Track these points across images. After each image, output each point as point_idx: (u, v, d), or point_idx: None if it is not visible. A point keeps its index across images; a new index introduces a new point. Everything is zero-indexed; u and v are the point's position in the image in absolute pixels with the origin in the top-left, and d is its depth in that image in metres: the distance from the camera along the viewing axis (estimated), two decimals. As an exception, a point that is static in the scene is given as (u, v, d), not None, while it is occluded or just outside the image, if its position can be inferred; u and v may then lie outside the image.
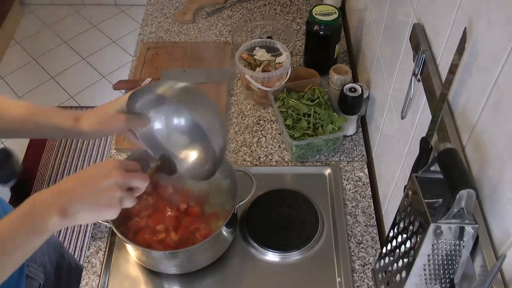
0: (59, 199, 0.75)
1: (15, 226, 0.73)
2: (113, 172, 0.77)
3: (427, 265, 0.70)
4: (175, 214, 1.12)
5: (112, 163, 0.79)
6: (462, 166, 0.65)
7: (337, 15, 1.45)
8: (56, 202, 0.74)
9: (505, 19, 0.63)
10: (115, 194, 0.76)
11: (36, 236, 0.74)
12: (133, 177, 0.80)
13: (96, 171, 0.78)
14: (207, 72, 1.57)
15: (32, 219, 0.74)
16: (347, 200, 1.26)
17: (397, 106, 1.07)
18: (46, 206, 0.74)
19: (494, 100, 0.66)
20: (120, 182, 0.77)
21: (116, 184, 0.77)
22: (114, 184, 0.76)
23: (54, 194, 0.76)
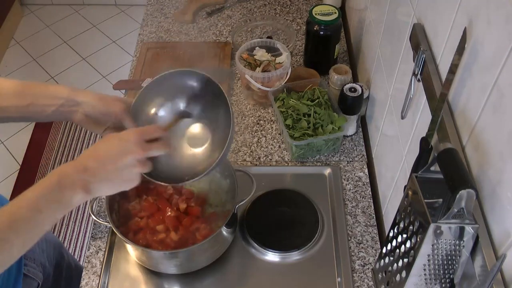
0: (83, 176, 0.78)
1: (40, 197, 0.76)
2: (133, 148, 0.80)
3: (427, 265, 0.70)
4: (175, 214, 1.12)
5: (132, 137, 0.81)
6: (462, 166, 0.65)
7: (337, 15, 1.45)
8: (80, 179, 0.77)
9: (505, 19, 0.63)
10: (135, 170, 0.80)
11: (59, 209, 0.77)
12: (153, 147, 0.83)
13: (116, 147, 0.80)
14: (207, 72, 1.57)
15: (57, 192, 0.76)
16: (347, 200, 1.26)
17: (397, 106, 1.07)
18: (71, 182, 0.77)
19: (494, 100, 0.66)
20: (140, 158, 0.80)
21: (136, 161, 0.80)
22: (135, 161, 0.80)
23: (78, 172, 0.78)
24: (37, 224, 0.76)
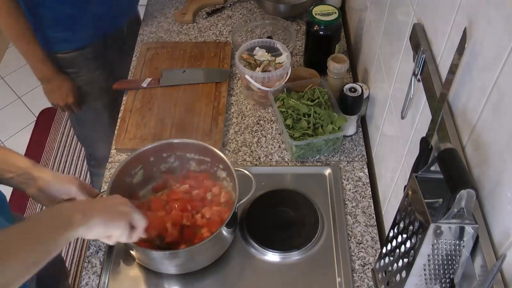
0: (82, 206, 0.90)
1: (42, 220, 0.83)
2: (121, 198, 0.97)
3: (427, 265, 0.70)
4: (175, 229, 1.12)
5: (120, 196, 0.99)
6: (462, 166, 0.65)
7: (337, 15, 1.45)
8: (80, 207, 0.88)
9: (505, 19, 0.63)
10: (124, 208, 0.94)
11: (62, 231, 0.81)
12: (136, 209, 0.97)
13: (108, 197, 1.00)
14: (207, 72, 1.57)
15: (59, 215, 0.85)
16: (347, 200, 1.26)
17: (397, 106, 1.07)
18: (71, 207, 0.89)
19: (494, 100, 0.66)
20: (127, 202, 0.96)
21: (125, 203, 0.95)
22: (124, 202, 0.95)
23: (76, 203, 0.93)
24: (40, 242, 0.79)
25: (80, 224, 0.83)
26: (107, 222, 0.89)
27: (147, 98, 1.51)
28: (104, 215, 0.89)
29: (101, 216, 0.88)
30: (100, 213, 0.88)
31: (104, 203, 0.93)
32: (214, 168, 1.21)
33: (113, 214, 0.91)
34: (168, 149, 1.21)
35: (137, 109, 1.48)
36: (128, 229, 0.94)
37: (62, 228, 0.81)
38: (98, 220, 0.87)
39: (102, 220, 0.88)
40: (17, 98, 3.02)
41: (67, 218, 0.83)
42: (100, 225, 0.88)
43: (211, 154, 1.19)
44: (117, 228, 0.91)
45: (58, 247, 0.82)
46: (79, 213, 0.84)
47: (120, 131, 1.42)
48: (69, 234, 0.82)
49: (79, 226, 0.83)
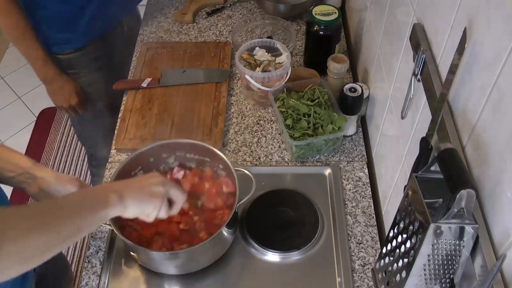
0: (117, 185, 0.91)
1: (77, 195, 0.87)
2: (157, 176, 0.97)
3: (427, 265, 0.70)
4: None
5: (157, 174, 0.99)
6: (462, 166, 0.65)
7: (337, 15, 1.45)
8: (115, 187, 0.90)
9: (505, 19, 0.63)
10: (159, 188, 0.94)
11: (98, 209, 0.83)
12: (173, 183, 0.99)
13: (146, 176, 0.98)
14: (207, 72, 1.57)
15: (94, 195, 0.87)
16: (347, 200, 1.26)
17: (397, 106, 1.07)
18: (104, 188, 0.92)
19: (494, 100, 0.66)
20: (163, 181, 0.96)
21: (160, 182, 0.95)
22: (159, 182, 0.95)
23: (112, 184, 0.94)
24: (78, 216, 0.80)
25: (116, 204, 0.86)
26: (142, 202, 0.91)
27: (147, 98, 1.51)
28: (139, 196, 0.90)
29: (135, 197, 0.90)
30: (134, 193, 0.90)
31: (139, 183, 0.94)
32: (214, 168, 1.21)
33: (147, 195, 0.92)
34: (167, 150, 1.21)
35: (137, 109, 1.48)
36: (165, 207, 0.95)
37: (98, 207, 0.84)
38: (133, 200, 0.89)
39: (137, 201, 0.90)
40: (17, 98, 3.02)
41: (104, 198, 0.85)
42: (135, 205, 0.89)
43: (211, 154, 1.19)
44: (153, 208, 0.93)
45: (93, 224, 0.85)
46: (114, 194, 0.86)
47: (120, 131, 1.42)
48: (105, 213, 0.84)
49: (114, 206, 0.86)
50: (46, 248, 0.75)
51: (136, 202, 0.90)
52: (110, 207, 0.85)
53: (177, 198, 0.98)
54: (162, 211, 0.95)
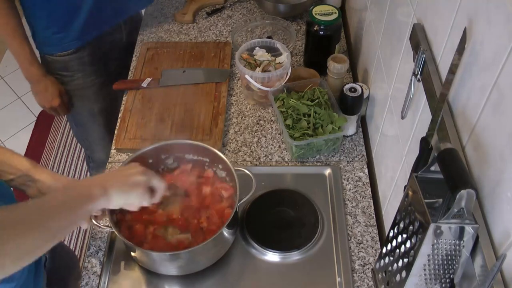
0: (100, 179, 0.93)
1: (62, 191, 0.89)
2: (138, 167, 1.00)
3: (427, 265, 0.70)
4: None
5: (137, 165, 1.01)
6: (462, 166, 0.65)
7: (337, 15, 1.45)
8: (98, 181, 0.92)
9: (505, 19, 0.63)
10: (140, 177, 0.96)
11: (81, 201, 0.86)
12: (153, 172, 1.01)
13: (127, 167, 1.01)
14: (207, 72, 1.57)
15: (78, 187, 0.91)
16: (347, 200, 1.26)
17: (397, 106, 1.07)
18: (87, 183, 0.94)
19: (494, 100, 0.66)
20: (143, 171, 0.98)
21: (141, 172, 0.97)
22: (140, 171, 0.97)
23: (93, 178, 0.95)
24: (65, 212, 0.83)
25: (100, 197, 0.88)
26: (125, 193, 0.94)
27: (147, 98, 1.51)
28: (122, 186, 0.93)
29: (118, 188, 0.92)
30: (117, 184, 0.92)
31: (121, 174, 0.97)
32: (213, 168, 1.21)
33: (130, 185, 0.95)
34: (166, 151, 1.21)
35: (137, 109, 1.48)
36: (147, 195, 0.98)
37: (83, 202, 0.86)
38: (116, 191, 0.91)
39: (120, 191, 0.92)
40: (17, 98, 3.02)
41: (88, 193, 0.87)
42: (118, 196, 0.92)
43: (211, 155, 1.19)
44: (136, 197, 0.96)
45: (79, 219, 0.88)
46: (97, 187, 0.89)
47: (120, 131, 1.42)
48: (90, 207, 0.87)
49: (98, 199, 0.88)
50: (36, 248, 0.77)
51: (120, 193, 0.92)
52: (94, 201, 0.87)
53: (158, 186, 1.01)
54: (145, 199, 0.98)
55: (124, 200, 0.94)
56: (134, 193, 0.95)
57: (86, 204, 0.86)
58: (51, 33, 1.47)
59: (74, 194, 0.88)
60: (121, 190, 0.92)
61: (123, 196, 0.93)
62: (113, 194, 0.91)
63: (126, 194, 0.94)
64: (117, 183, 0.93)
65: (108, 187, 0.90)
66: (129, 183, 0.95)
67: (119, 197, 0.92)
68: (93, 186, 0.89)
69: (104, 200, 0.89)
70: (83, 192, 0.88)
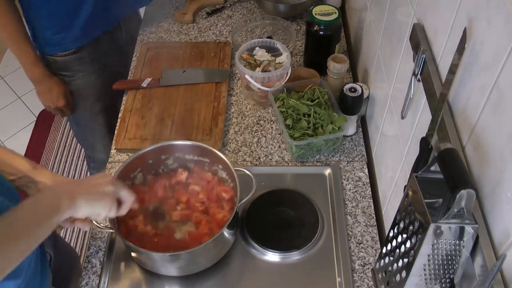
0: (68, 188, 0.93)
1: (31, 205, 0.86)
2: (107, 176, 0.99)
3: (427, 265, 0.70)
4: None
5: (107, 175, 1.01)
6: (462, 166, 0.65)
7: (337, 15, 1.45)
8: (65, 191, 0.91)
9: (505, 19, 0.63)
10: (108, 188, 0.96)
11: (48, 214, 0.85)
12: (122, 184, 1.01)
13: (96, 176, 0.99)
14: (207, 72, 1.57)
15: (45, 199, 0.88)
16: (347, 200, 1.26)
17: (397, 106, 1.07)
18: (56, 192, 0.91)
19: (494, 100, 0.66)
20: (112, 181, 0.98)
21: (110, 182, 0.97)
22: (109, 182, 0.97)
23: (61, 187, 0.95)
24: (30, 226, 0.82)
25: (67, 207, 0.87)
26: (91, 202, 0.92)
27: (147, 98, 1.51)
28: (89, 196, 0.92)
29: (86, 197, 0.91)
30: (85, 194, 0.92)
31: (88, 183, 0.96)
32: (214, 169, 1.21)
33: (98, 195, 0.94)
34: (167, 151, 1.21)
35: (137, 109, 1.48)
36: (114, 206, 0.97)
37: (51, 214, 0.85)
38: (83, 201, 0.90)
39: (87, 201, 0.91)
40: (17, 98, 3.02)
41: (56, 204, 0.86)
42: (85, 205, 0.91)
43: (211, 155, 1.19)
44: (103, 207, 0.95)
45: (48, 230, 0.86)
46: (65, 197, 0.88)
47: (120, 131, 1.42)
48: (57, 218, 0.86)
49: (66, 210, 0.87)
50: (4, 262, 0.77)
51: (87, 203, 0.91)
52: (62, 212, 0.86)
53: (126, 198, 0.99)
54: (112, 210, 0.97)
55: (90, 210, 0.93)
56: (101, 203, 0.94)
57: (54, 216, 0.85)
58: (51, 34, 1.47)
59: (43, 205, 0.87)
60: (88, 200, 0.92)
61: (90, 205, 0.92)
62: (80, 203, 0.90)
63: (94, 204, 0.93)
64: (86, 192, 0.92)
65: (76, 196, 0.89)
66: (97, 192, 0.94)
67: (86, 206, 0.91)
68: (61, 197, 0.88)
69: (71, 209, 0.88)
70: (52, 203, 0.87)
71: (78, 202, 0.89)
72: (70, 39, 1.50)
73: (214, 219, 1.13)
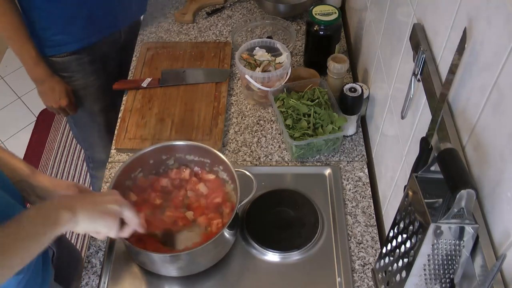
0: (70, 201, 0.90)
1: (31, 215, 0.84)
2: (114, 194, 0.97)
3: (427, 265, 0.70)
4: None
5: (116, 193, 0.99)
6: (462, 166, 0.65)
7: (337, 15, 1.45)
8: (67, 204, 0.88)
9: (505, 19, 0.63)
10: (113, 207, 0.93)
11: (48, 226, 0.84)
12: (129, 204, 0.97)
13: (101, 193, 0.99)
14: (207, 72, 1.57)
15: (47, 210, 0.86)
16: (347, 200, 1.26)
17: (397, 106, 1.07)
18: (57, 205, 0.88)
19: (494, 100, 0.66)
20: (118, 200, 0.95)
21: (115, 201, 0.94)
22: (114, 200, 0.94)
23: (65, 199, 0.93)
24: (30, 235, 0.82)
25: (67, 221, 0.85)
26: (93, 219, 0.90)
27: (147, 98, 1.51)
28: (91, 213, 0.90)
29: (87, 213, 0.89)
30: (87, 210, 0.89)
31: (93, 199, 0.93)
32: (214, 169, 1.21)
33: (100, 212, 0.91)
34: (167, 151, 1.21)
35: (137, 109, 1.48)
36: (116, 226, 0.94)
37: (50, 227, 0.84)
38: (85, 216, 0.88)
39: (89, 217, 0.89)
40: (17, 98, 3.02)
41: (55, 217, 0.84)
42: (86, 221, 0.88)
43: (211, 156, 1.19)
44: (103, 226, 0.92)
45: (47, 241, 0.84)
46: (66, 211, 0.85)
47: (120, 131, 1.42)
48: (57, 231, 0.84)
49: (66, 224, 0.85)
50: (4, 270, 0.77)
51: (88, 219, 0.89)
52: (61, 225, 0.84)
53: (130, 220, 0.97)
54: (113, 231, 0.94)
55: (91, 226, 0.91)
56: (102, 221, 0.91)
57: (52, 230, 0.84)
58: (51, 35, 1.47)
59: (43, 218, 0.84)
60: (90, 216, 0.89)
61: (91, 222, 0.90)
62: (81, 218, 0.87)
63: (95, 221, 0.90)
64: (88, 208, 0.89)
65: (77, 211, 0.87)
66: (100, 209, 0.91)
67: (86, 222, 0.89)
68: (63, 209, 0.86)
69: (72, 223, 0.86)
70: (51, 216, 0.85)
71: (80, 217, 0.87)
72: (71, 40, 1.50)
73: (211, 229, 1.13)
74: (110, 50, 1.64)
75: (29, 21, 1.44)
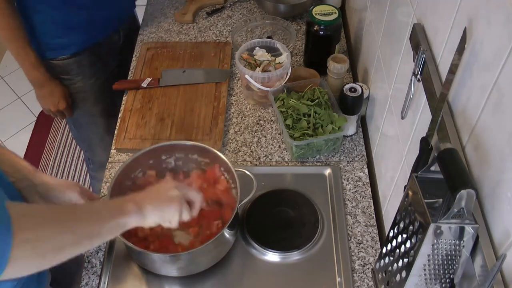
0: (134, 196, 0.92)
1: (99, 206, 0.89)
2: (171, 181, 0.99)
3: (427, 265, 0.70)
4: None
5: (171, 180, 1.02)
6: (462, 166, 0.65)
7: (337, 15, 1.45)
8: (132, 198, 0.92)
9: (505, 19, 0.63)
10: (174, 192, 0.95)
11: (113, 211, 0.87)
12: (187, 186, 1.01)
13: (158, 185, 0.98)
14: (207, 72, 1.57)
15: (113, 203, 0.91)
16: (347, 200, 1.26)
17: (397, 106, 1.07)
18: (121, 199, 0.92)
19: (494, 100, 0.66)
20: (176, 185, 0.97)
21: (175, 186, 0.96)
22: (173, 186, 0.96)
23: (129, 196, 0.93)
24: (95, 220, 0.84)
25: (133, 212, 0.87)
26: (160, 208, 0.92)
27: (147, 98, 1.51)
28: (156, 202, 0.92)
29: (153, 204, 0.91)
30: (151, 201, 0.91)
31: (156, 191, 0.95)
32: (214, 169, 1.21)
33: (164, 201, 0.93)
34: (167, 151, 1.21)
35: (137, 109, 1.48)
36: (185, 208, 0.96)
37: (115, 214, 0.86)
38: (151, 208, 0.90)
39: (156, 207, 0.91)
40: (17, 98, 3.02)
41: (121, 207, 0.87)
42: (153, 212, 0.91)
43: (211, 156, 1.18)
44: (173, 212, 0.94)
45: (110, 230, 0.86)
46: (131, 203, 0.88)
47: (120, 131, 1.42)
48: (123, 221, 0.86)
49: (132, 214, 0.87)
50: (60, 245, 0.77)
51: (155, 209, 0.91)
52: (127, 215, 0.86)
53: (194, 198, 0.99)
54: (184, 213, 0.96)
55: (159, 216, 0.92)
56: (170, 208, 0.93)
57: (118, 217, 0.85)
58: (50, 38, 1.47)
59: (107, 206, 0.89)
60: (156, 206, 0.91)
61: (159, 212, 0.92)
62: (148, 210, 0.89)
63: (162, 209, 0.92)
64: (152, 199, 0.92)
65: (142, 204, 0.89)
66: (164, 198, 0.93)
67: (154, 213, 0.91)
68: (127, 202, 0.88)
69: (138, 216, 0.88)
70: (117, 205, 0.88)
71: (146, 209, 0.89)
72: (71, 43, 1.50)
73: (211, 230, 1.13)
74: (110, 51, 1.64)
75: (29, 25, 1.44)
